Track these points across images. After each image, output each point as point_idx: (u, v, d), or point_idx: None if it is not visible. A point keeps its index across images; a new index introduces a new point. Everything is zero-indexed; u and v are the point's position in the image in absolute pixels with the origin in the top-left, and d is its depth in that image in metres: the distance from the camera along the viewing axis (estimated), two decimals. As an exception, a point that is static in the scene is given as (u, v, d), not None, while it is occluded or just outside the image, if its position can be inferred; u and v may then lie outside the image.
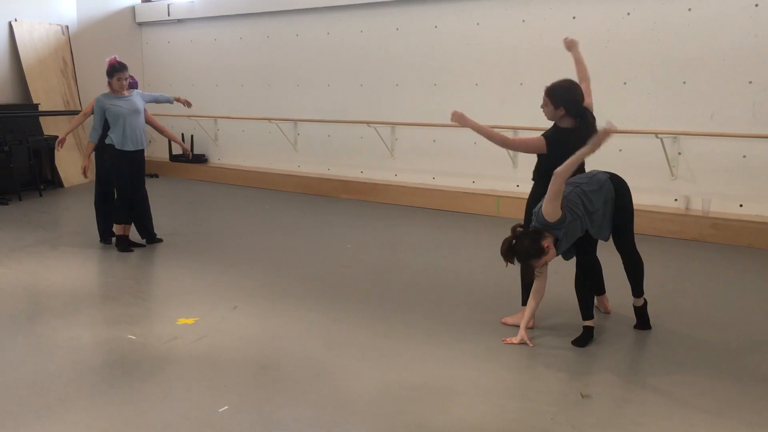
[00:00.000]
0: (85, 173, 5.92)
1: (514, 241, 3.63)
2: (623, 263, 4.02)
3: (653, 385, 3.29)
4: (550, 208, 3.57)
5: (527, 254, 3.60)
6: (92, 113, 5.93)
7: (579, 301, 3.88)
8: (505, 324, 4.11)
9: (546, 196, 3.58)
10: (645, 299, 4.08)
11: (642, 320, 4.07)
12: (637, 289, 4.03)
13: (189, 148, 6.75)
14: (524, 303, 4.11)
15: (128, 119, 5.77)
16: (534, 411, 3.03)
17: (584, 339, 3.81)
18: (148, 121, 6.28)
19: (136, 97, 5.94)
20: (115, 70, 5.77)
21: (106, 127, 5.82)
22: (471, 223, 7.32)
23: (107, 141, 5.80)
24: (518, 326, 3.92)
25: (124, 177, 5.87)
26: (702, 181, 6.69)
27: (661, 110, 6.83)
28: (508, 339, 3.86)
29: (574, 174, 3.77)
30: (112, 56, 5.91)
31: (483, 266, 5.54)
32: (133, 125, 5.80)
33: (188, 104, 6.43)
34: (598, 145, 3.39)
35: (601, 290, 4.33)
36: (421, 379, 3.36)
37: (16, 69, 9.67)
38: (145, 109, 6.18)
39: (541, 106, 4.03)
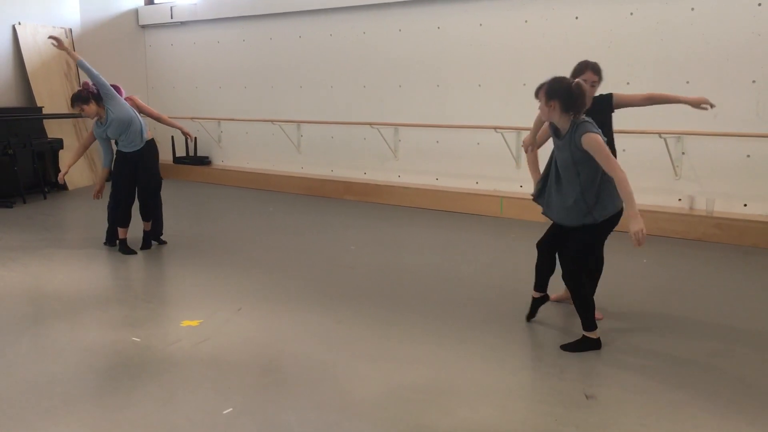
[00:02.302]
0: (96, 196, 6.15)
1: (575, 82, 3.60)
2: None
3: (658, 386, 3.28)
4: (597, 148, 3.46)
5: (558, 85, 3.58)
6: (93, 141, 6.15)
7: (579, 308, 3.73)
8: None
9: (608, 151, 3.48)
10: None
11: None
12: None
13: (189, 132, 6.76)
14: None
15: (122, 136, 5.83)
16: (538, 412, 3.02)
17: (580, 346, 3.73)
18: (144, 113, 6.29)
19: (112, 108, 5.69)
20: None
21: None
22: (474, 224, 7.31)
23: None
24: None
25: (124, 179, 5.94)
26: (706, 181, 6.68)
27: (665, 110, 6.78)
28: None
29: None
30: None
31: (487, 267, 5.54)
32: (126, 137, 5.83)
33: (57, 42, 5.76)
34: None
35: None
36: (425, 380, 3.36)
37: (20, 72, 9.72)
38: (135, 99, 6.22)
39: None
